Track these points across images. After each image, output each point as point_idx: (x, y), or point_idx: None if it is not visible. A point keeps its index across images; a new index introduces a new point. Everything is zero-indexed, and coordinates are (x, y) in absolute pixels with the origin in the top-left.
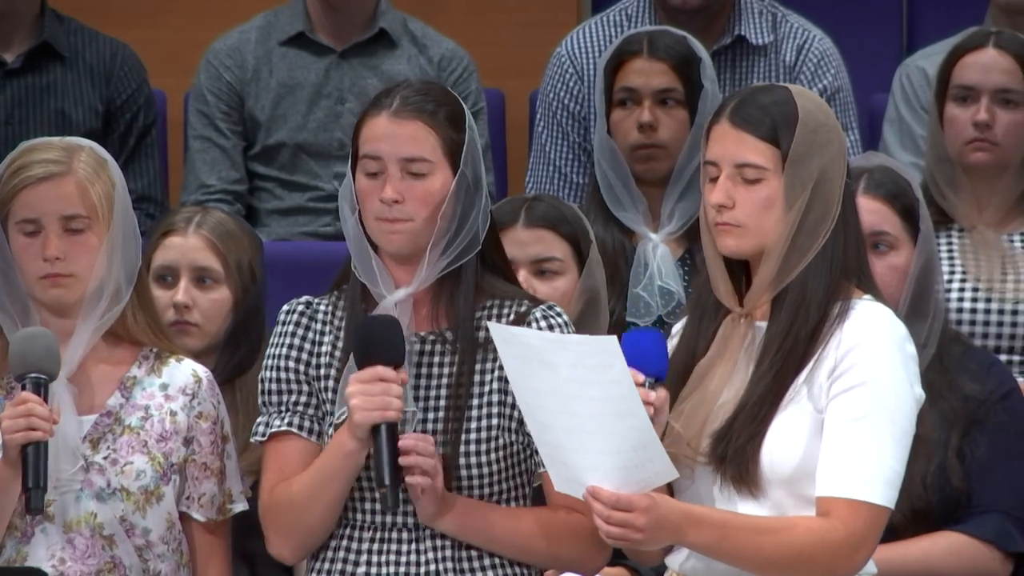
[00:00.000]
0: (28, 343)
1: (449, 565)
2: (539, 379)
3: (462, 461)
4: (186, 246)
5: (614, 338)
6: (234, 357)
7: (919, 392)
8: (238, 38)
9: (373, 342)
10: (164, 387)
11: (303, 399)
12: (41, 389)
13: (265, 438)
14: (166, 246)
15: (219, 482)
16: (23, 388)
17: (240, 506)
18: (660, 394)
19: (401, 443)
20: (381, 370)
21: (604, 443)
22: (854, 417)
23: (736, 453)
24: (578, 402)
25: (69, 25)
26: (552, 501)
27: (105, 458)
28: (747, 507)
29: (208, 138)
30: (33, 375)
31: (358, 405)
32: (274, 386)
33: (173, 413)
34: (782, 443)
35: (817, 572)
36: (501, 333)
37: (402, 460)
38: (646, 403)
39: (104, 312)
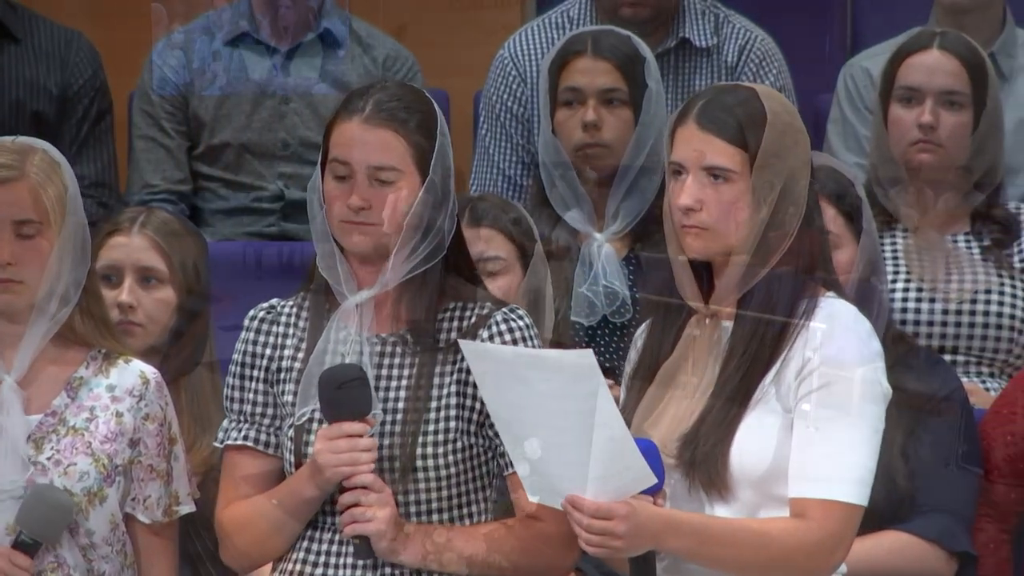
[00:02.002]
0: (47, 511)
1: (407, 571)
2: (513, 393)
3: (419, 463)
4: (130, 246)
5: (590, 352)
6: (178, 357)
7: (887, 387)
8: (182, 38)
9: (338, 399)
10: (111, 388)
11: (259, 409)
12: (33, 552)
13: (222, 446)
14: (110, 246)
15: (165, 484)
16: (18, 546)
17: (187, 508)
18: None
19: (342, 500)
20: (347, 426)
21: (581, 454)
22: (824, 416)
23: (705, 458)
24: (554, 415)
25: (22, 12)
26: (519, 506)
27: (48, 459)
28: (717, 509)
29: (152, 138)
30: (33, 539)
31: (327, 463)
32: (236, 394)
33: (119, 414)
34: (752, 445)
35: (795, 573)
36: (473, 349)
37: (342, 519)
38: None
39: (53, 315)
